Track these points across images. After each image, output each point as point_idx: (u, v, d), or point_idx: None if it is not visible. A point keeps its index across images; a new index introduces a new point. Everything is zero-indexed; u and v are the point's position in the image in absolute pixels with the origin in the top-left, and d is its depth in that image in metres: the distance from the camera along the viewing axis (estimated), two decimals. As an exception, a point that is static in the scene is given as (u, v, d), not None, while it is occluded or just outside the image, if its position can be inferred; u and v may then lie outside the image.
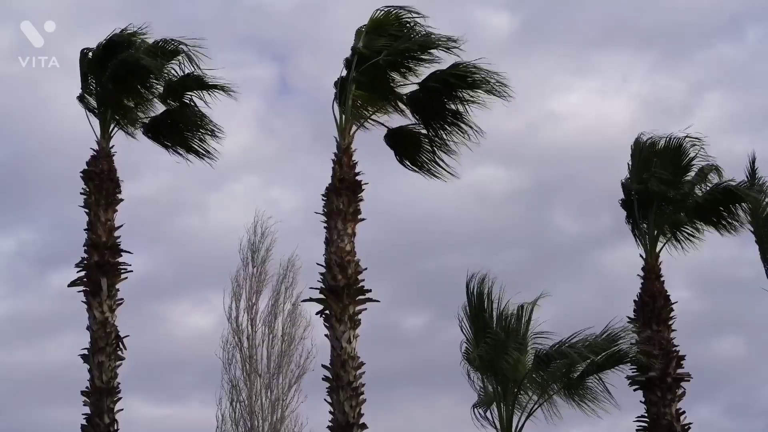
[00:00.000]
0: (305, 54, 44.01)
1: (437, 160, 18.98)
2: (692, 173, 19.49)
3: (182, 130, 19.54)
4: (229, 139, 19.83)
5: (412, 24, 18.15)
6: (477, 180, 39.44)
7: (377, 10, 18.05)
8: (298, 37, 43.38)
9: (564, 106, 43.21)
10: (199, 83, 18.88)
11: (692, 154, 19.32)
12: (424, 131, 18.84)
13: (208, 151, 19.63)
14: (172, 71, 18.94)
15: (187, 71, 18.80)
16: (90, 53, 18.71)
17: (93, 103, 18.87)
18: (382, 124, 18.88)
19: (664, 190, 18.98)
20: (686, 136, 19.26)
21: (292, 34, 44.24)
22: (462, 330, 17.96)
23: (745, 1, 45.13)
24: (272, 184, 43.68)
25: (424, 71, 18.29)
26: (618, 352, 17.68)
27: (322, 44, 39.30)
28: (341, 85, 18.06)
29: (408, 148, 19.04)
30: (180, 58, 18.78)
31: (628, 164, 19.51)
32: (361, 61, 17.93)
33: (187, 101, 19.24)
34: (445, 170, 18.99)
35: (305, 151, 41.47)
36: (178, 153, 19.69)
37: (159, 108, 19.44)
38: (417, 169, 19.15)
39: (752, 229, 18.68)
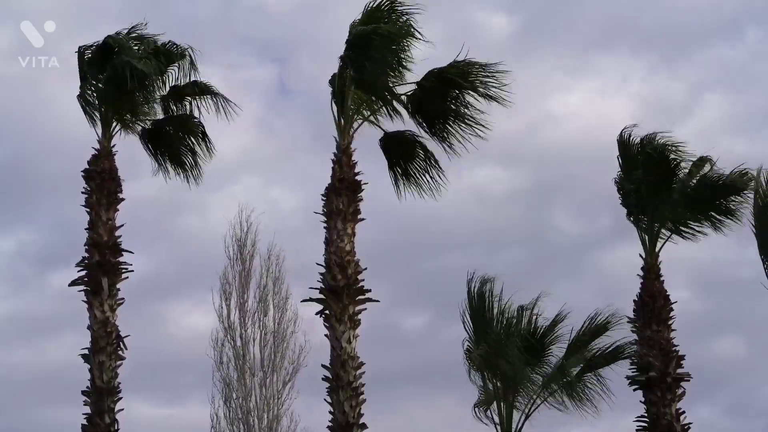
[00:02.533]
0: (305, 54, 44.06)
1: (429, 170, 18.90)
2: (681, 173, 19.39)
3: (177, 142, 19.52)
4: (229, 139, 19.86)
5: (405, 16, 17.96)
6: (477, 180, 39.47)
7: (370, 1, 17.99)
8: (297, 37, 43.42)
9: (564, 107, 43.26)
10: (205, 90, 18.95)
11: (678, 158, 19.23)
12: (420, 138, 18.78)
13: (196, 168, 19.62)
14: (172, 75, 19.00)
15: (188, 75, 18.89)
16: (89, 52, 18.71)
17: (93, 101, 18.89)
18: (379, 126, 18.87)
19: (657, 194, 18.96)
20: (669, 142, 19.12)
21: (292, 35, 44.29)
22: (465, 327, 17.99)
23: (745, 1, 45.19)
24: (272, 185, 43.70)
25: (420, 68, 18.30)
26: (613, 348, 17.78)
27: (322, 45, 39.34)
28: (338, 83, 18.03)
29: (401, 156, 18.92)
30: (180, 63, 18.81)
31: (618, 159, 19.44)
32: (356, 57, 17.83)
33: (188, 108, 19.26)
34: (435, 182, 18.93)
35: (305, 152, 41.50)
36: (167, 165, 19.68)
37: (157, 112, 19.48)
38: (407, 181, 18.99)
39: (752, 221, 18.53)
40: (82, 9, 41.92)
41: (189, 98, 19.24)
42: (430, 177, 18.97)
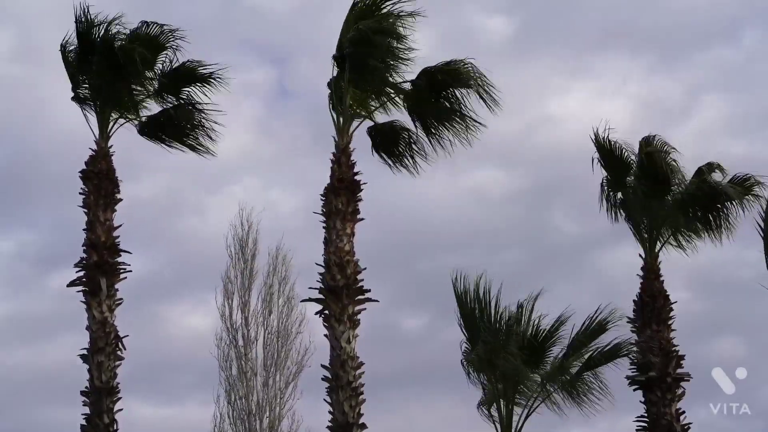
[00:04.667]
0: (304, 56, 44.04)
1: (413, 152, 18.92)
2: (679, 176, 19.36)
3: (179, 127, 19.47)
4: (228, 141, 19.83)
5: (395, 13, 17.90)
6: (475, 181, 39.48)
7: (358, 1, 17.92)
8: (297, 39, 43.40)
9: (562, 108, 43.23)
10: (193, 73, 18.85)
11: (672, 163, 19.20)
12: (407, 127, 18.77)
13: (206, 147, 19.62)
14: (161, 61, 18.91)
15: (174, 60, 18.84)
16: (72, 50, 18.65)
17: (87, 100, 18.86)
18: (375, 122, 18.83)
19: (655, 196, 18.95)
20: (664, 147, 19.11)
21: (291, 36, 44.27)
22: (462, 329, 17.95)
23: (743, 4, 45.18)
24: (271, 186, 43.69)
25: (418, 68, 18.23)
26: (613, 346, 17.77)
27: (321, 46, 39.27)
28: (336, 82, 18.01)
29: (385, 141, 18.95)
30: (167, 52, 18.76)
31: (599, 161, 19.42)
32: (350, 57, 17.78)
33: (184, 97, 19.23)
34: (418, 162, 18.96)
35: (304, 153, 41.52)
36: (175, 148, 19.67)
37: (155, 107, 19.46)
38: (390, 161, 19.04)
39: (759, 223, 18.48)
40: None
41: (184, 86, 19.15)
42: (411, 157, 18.97)
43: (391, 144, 18.99)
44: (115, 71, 18.38)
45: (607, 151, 19.20)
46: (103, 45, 18.35)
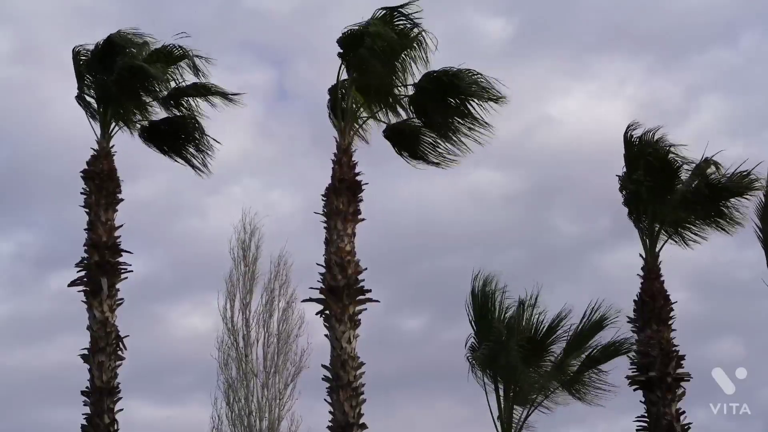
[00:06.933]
0: (303, 58, 44.12)
1: (437, 149, 18.99)
2: (682, 174, 19.38)
3: (179, 138, 19.55)
4: (228, 143, 19.90)
5: (407, 26, 17.94)
6: (475, 182, 39.55)
7: (378, 9, 18.00)
8: (296, 41, 43.48)
9: (561, 110, 43.31)
10: (206, 90, 18.94)
11: (680, 161, 19.22)
12: (422, 125, 18.81)
13: (204, 164, 19.70)
14: (174, 76, 18.98)
15: (187, 78, 18.93)
16: (89, 52, 18.73)
17: (92, 102, 18.90)
18: (384, 122, 18.88)
19: (657, 194, 18.96)
20: (671, 145, 19.13)
21: (291, 38, 44.35)
22: (471, 323, 17.96)
23: (740, 6, 45.30)
24: (271, 188, 43.75)
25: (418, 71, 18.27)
26: (612, 344, 17.81)
27: (321, 48, 39.38)
28: (339, 85, 18.04)
29: (407, 141, 19.04)
30: (182, 64, 18.81)
31: (625, 157, 19.43)
32: (358, 61, 17.86)
33: (186, 108, 19.27)
34: (445, 158, 19.03)
35: (304, 155, 41.59)
36: (174, 159, 19.76)
37: (159, 112, 19.51)
38: (416, 159, 19.17)
39: (757, 223, 18.48)
40: (80, 12, 42.09)
41: (190, 98, 19.24)
42: (440, 152, 19.10)
43: (414, 143, 19.05)
44: (129, 83, 18.40)
45: (630, 146, 19.17)
46: (123, 58, 18.37)
